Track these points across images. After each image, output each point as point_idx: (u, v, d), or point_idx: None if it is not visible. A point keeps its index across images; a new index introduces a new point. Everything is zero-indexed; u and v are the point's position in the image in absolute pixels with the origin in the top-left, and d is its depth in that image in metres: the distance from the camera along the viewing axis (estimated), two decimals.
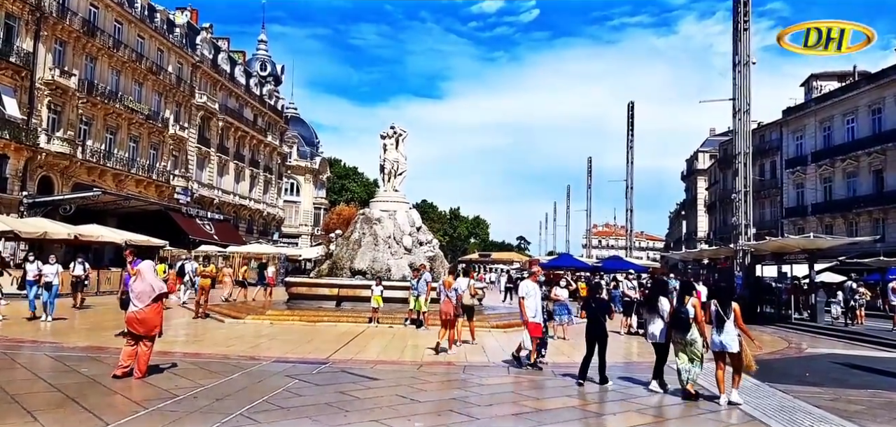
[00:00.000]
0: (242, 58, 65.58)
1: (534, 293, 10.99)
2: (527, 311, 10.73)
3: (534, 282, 11.31)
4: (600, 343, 9.59)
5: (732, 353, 8.52)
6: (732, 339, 8.49)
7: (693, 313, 8.78)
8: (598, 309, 9.99)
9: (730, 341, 8.48)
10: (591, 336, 9.72)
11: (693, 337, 8.80)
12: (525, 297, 10.86)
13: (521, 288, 11.29)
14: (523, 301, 10.84)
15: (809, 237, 27.98)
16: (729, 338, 8.48)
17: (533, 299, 10.89)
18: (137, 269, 9.17)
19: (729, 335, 8.49)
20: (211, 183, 53.31)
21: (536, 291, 11.14)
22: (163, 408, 7.31)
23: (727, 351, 8.52)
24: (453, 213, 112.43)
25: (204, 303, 18.19)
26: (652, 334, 9.44)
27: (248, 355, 11.47)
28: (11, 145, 32.67)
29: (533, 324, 10.73)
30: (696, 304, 8.85)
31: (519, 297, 11.18)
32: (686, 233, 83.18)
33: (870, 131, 43.38)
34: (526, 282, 11.48)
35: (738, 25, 27.09)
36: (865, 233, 39.07)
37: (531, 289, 11.02)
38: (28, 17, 34.00)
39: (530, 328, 10.72)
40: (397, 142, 24.55)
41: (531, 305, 10.79)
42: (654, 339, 9.38)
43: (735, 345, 8.49)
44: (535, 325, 10.76)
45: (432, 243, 24.25)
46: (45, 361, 10.18)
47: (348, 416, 7.31)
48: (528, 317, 10.73)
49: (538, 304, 11.03)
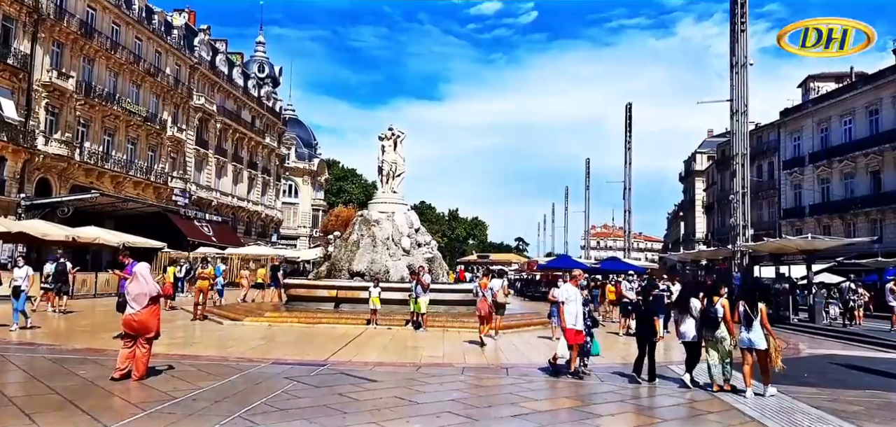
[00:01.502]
0: (240, 59, 65.56)
1: (575, 298, 10.30)
2: (566, 318, 10.15)
3: (574, 286, 10.53)
4: (650, 342, 10.20)
5: (759, 350, 9.09)
6: (759, 337, 9.10)
7: (722, 313, 9.41)
8: (650, 310, 10.67)
9: (757, 339, 9.10)
10: (641, 336, 10.43)
11: (722, 335, 9.42)
12: (565, 302, 10.25)
13: (560, 292, 10.61)
14: (563, 307, 10.24)
15: (807, 238, 27.99)
16: (756, 336, 9.11)
17: (574, 304, 10.23)
18: (133, 272, 9.13)
19: (756, 333, 9.12)
20: (209, 185, 53.26)
21: (577, 296, 10.39)
22: (161, 410, 7.30)
23: (755, 348, 9.13)
24: (452, 214, 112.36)
25: (202, 305, 18.18)
26: (683, 333, 9.98)
27: (247, 357, 11.45)
28: (9, 147, 32.61)
29: (572, 331, 10.10)
30: (725, 304, 9.48)
31: (558, 301, 10.48)
32: (684, 234, 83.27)
33: (867, 132, 43.47)
34: (566, 286, 10.69)
35: (735, 27, 27.15)
36: (863, 233, 39.16)
37: (572, 293, 10.33)
38: (25, 19, 33.95)
39: (568, 335, 10.10)
40: (395, 143, 24.56)
41: (571, 311, 10.16)
42: (685, 337, 9.94)
43: (762, 342, 9.09)
44: (575, 333, 10.12)
45: (431, 245, 24.25)
46: (43, 364, 10.15)
47: (347, 418, 7.30)
48: (567, 323, 10.12)
49: (579, 310, 10.31)
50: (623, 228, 56.80)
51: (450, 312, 19.07)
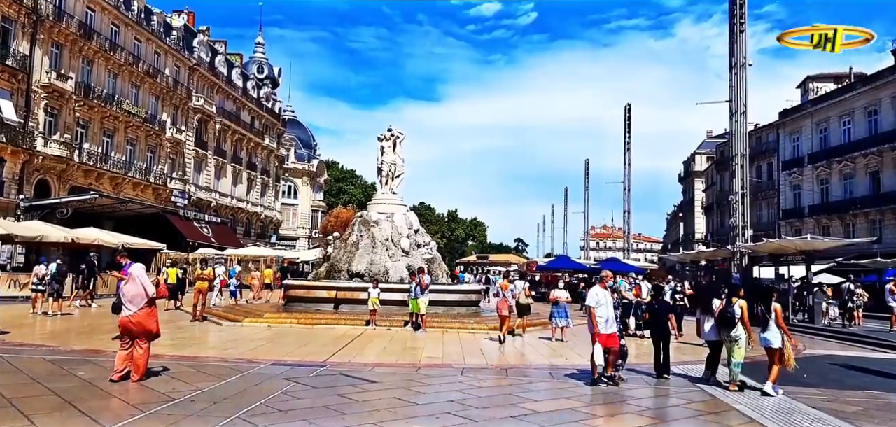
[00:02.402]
0: (239, 60, 65.54)
1: (606, 301, 9.93)
2: (599, 322, 9.70)
3: (604, 288, 10.16)
4: (664, 340, 10.72)
5: (773, 348, 9.46)
6: (775, 336, 9.48)
7: (740, 313, 9.69)
8: (661, 310, 11.31)
9: (773, 338, 9.48)
10: (655, 335, 10.98)
11: (738, 334, 9.69)
12: (596, 306, 9.75)
13: (590, 296, 10.06)
14: (594, 310, 9.73)
15: (806, 238, 28.02)
16: (772, 335, 9.50)
17: (605, 308, 9.85)
18: (129, 273, 9.11)
19: (772, 332, 9.50)
20: (208, 185, 53.23)
21: (608, 299, 10.04)
22: (160, 411, 7.29)
23: (770, 347, 9.50)
24: (451, 215, 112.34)
25: (201, 306, 18.17)
26: (705, 332, 10.37)
27: (246, 358, 11.44)
28: (8, 148, 32.59)
29: (604, 335, 9.69)
30: (742, 305, 9.76)
31: (587, 306, 10.01)
32: (683, 234, 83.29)
33: (866, 133, 43.50)
34: (595, 288, 10.19)
35: (734, 28, 27.18)
36: (862, 234, 39.17)
37: (603, 296, 9.92)
38: (24, 20, 33.94)
39: (602, 340, 9.66)
40: (395, 144, 24.56)
41: (603, 315, 9.77)
42: (707, 336, 10.36)
43: (777, 341, 9.45)
44: (609, 336, 9.74)
45: (430, 245, 24.26)
46: (42, 365, 10.14)
47: (346, 419, 7.30)
48: (600, 328, 9.69)
49: (611, 313, 10.02)
50: (622, 229, 56.84)
51: (449, 313, 19.08)
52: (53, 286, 18.17)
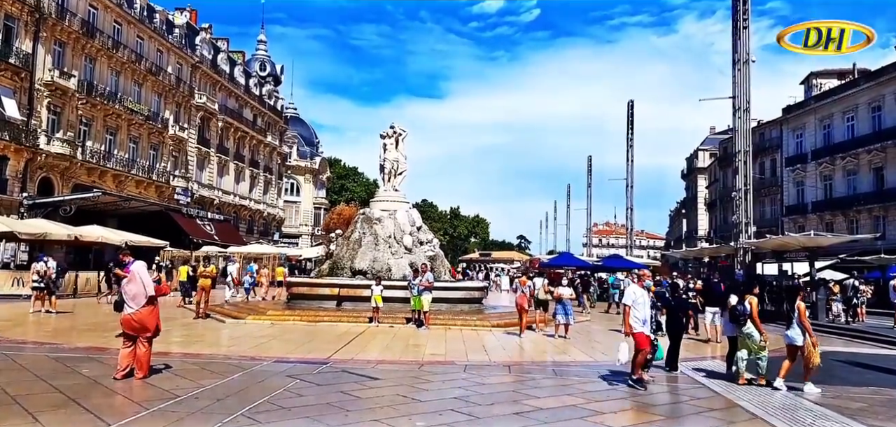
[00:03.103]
0: (242, 58, 65.56)
1: (643, 301, 9.60)
2: (633, 323, 9.39)
3: (641, 287, 9.81)
4: (678, 335, 11.17)
5: (796, 346, 9.59)
6: (797, 334, 9.58)
7: (750, 310, 9.80)
8: (678, 306, 11.85)
9: (795, 336, 9.59)
10: (671, 329, 11.39)
11: (749, 331, 9.81)
12: (632, 305, 9.47)
13: (626, 294, 9.77)
14: (629, 309, 9.47)
15: (810, 235, 27.90)
16: (795, 333, 9.61)
17: (642, 308, 9.53)
18: (131, 272, 9.12)
19: (795, 330, 9.62)
20: (211, 183, 53.30)
21: (645, 299, 9.71)
22: (164, 408, 7.30)
23: (793, 344, 9.62)
24: (453, 212, 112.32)
25: (204, 303, 18.20)
26: (724, 329, 10.79)
27: (249, 355, 11.46)
28: (11, 146, 32.66)
29: (640, 335, 9.38)
30: (752, 301, 9.86)
31: (624, 304, 9.75)
32: (686, 231, 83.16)
33: (870, 129, 43.38)
34: (632, 287, 9.83)
35: (737, 24, 27.07)
36: (866, 230, 39.06)
37: (639, 296, 9.60)
38: (27, 18, 33.99)
39: (637, 340, 9.37)
40: (397, 141, 24.56)
41: (640, 315, 9.46)
42: (726, 332, 10.83)
43: (800, 339, 9.53)
44: (643, 337, 9.41)
45: (433, 243, 24.25)
46: (46, 362, 10.17)
47: (349, 416, 7.30)
48: (635, 328, 9.39)
49: (648, 314, 9.67)
50: (625, 226, 56.73)
51: (452, 310, 19.09)
52: (50, 283, 18.24)
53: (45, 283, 18.24)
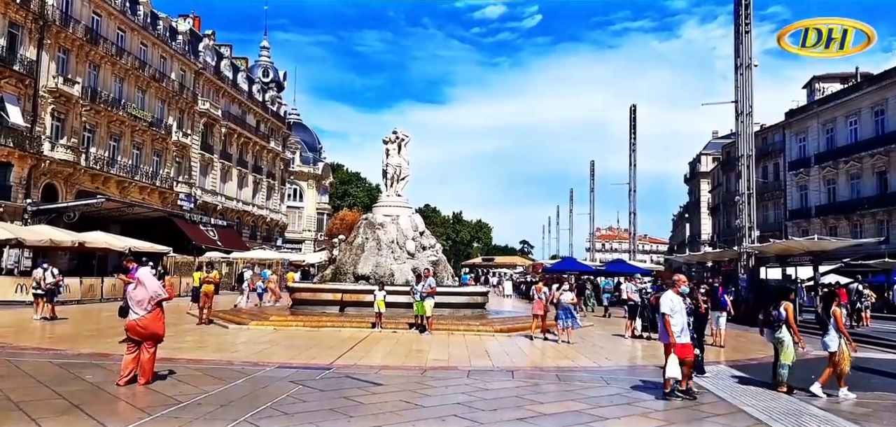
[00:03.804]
0: (245, 64, 65.74)
1: (680, 308, 9.22)
2: (673, 330, 9.00)
3: (677, 294, 9.37)
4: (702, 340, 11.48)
5: (831, 352, 9.56)
6: (833, 340, 9.58)
7: (784, 316, 9.82)
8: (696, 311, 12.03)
9: (830, 342, 9.59)
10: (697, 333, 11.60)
11: (781, 336, 9.84)
12: (670, 313, 9.04)
13: (663, 302, 9.25)
14: (668, 318, 9.01)
15: (813, 239, 27.83)
16: (830, 339, 9.62)
17: (680, 316, 9.13)
18: (136, 277, 9.14)
19: (830, 336, 9.62)
20: (214, 189, 53.38)
21: (682, 306, 9.33)
22: (167, 414, 7.31)
23: (829, 350, 9.60)
24: (456, 217, 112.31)
25: (207, 309, 18.22)
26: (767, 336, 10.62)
27: (252, 361, 11.46)
28: (15, 153, 32.76)
29: (681, 345, 8.98)
30: (787, 307, 9.87)
31: (661, 313, 9.25)
32: (689, 235, 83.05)
33: (873, 133, 43.29)
34: (668, 294, 9.34)
35: (739, 28, 27.08)
36: (869, 234, 38.95)
37: (677, 303, 9.21)
38: (31, 26, 34.13)
39: (678, 350, 8.94)
40: (400, 147, 24.57)
41: (678, 323, 9.05)
42: (766, 339, 10.72)
43: (834, 345, 9.54)
44: (684, 346, 9.02)
45: (435, 248, 24.25)
46: (49, 368, 10.18)
47: (352, 422, 7.30)
48: (674, 337, 8.98)
49: (685, 321, 9.28)
50: (628, 230, 56.68)
51: (454, 316, 19.07)
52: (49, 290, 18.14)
53: (44, 290, 18.16)
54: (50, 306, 18.12)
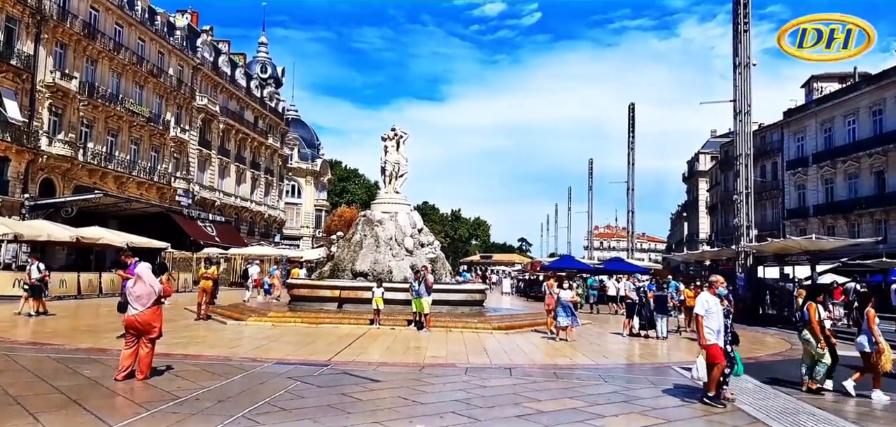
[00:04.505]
0: (243, 60, 65.59)
1: (716, 310, 8.86)
2: (706, 333, 8.69)
3: (713, 294, 9.05)
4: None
5: (865, 352, 9.61)
6: (867, 341, 9.65)
7: (808, 316, 9.85)
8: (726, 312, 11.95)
9: (863, 342, 9.69)
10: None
11: (806, 337, 9.87)
12: (705, 314, 8.76)
13: (698, 303, 8.99)
14: (701, 320, 8.75)
15: (811, 238, 27.86)
16: (863, 339, 9.71)
17: (715, 318, 8.78)
18: (136, 273, 9.13)
19: (864, 336, 9.69)
20: (212, 185, 53.32)
21: (718, 308, 8.92)
22: (165, 409, 7.30)
23: (863, 350, 9.67)
24: (454, 214, 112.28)
25: (205, 305, 18.19)
26: None
27: (250, 357, 11.46)
28: (13, 148, 32.68)
29: (713, 347, 8.66)
30: (812, 308, 9.85)
31: (695, 314, 9.05)
32: (687, 234, 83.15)
33: (871, 132, 43.33)
34: (704, 295, 9.03)
35: (738, 27, 27.07)
36: (867, 234, 39.01)
37: (713, 304, 8.88)
38: (28, 20, 34.03)
39: (711, 353, 8.63)
40: (398, 144, 24.54)
41: (713, 325, 8.73)
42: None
43: (866, 345, 9.61)
44: (714, 349, 8.66)
45: (434, 245, 24.23)
46: (47, 363, 10.17)
47: (350, 418, 7.30)
48: (708, 340, 8.65)
49: (722, 324, 8.88)
50: (626, 229, 56.76)
51: (452, 313, 19.08)
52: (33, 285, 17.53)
53: (29, 286, 17.53)
54: (36, 302, 17.42)
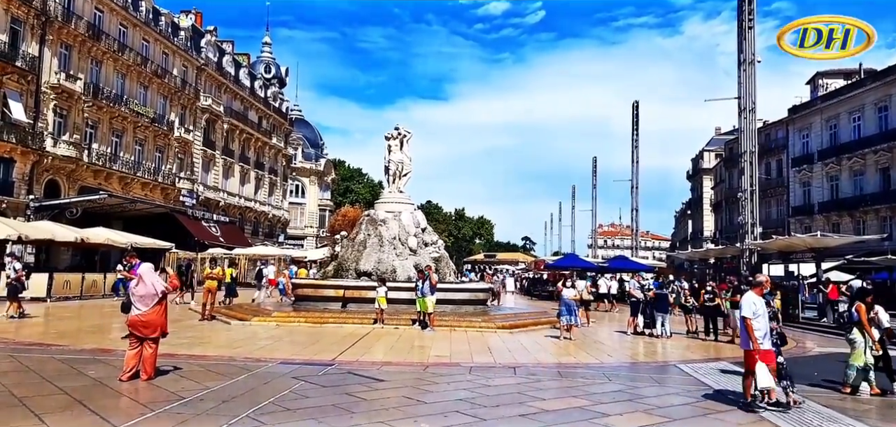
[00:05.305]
0: (247, 60, 65.67)
1: (763, 311, 8.45)
2: (757, 336, 8.24)
3: (760, 295, 8.62)
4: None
5: None
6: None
7: (857, 316, 9.77)
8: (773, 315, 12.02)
9: None
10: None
11: (852, 337, 9.75)
12: (752, 316, 8.31)
13: (744, 304, 8.49)
14: (750, 321, 8.27)
15: (816, 236, 27.78)
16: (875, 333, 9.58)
17: (763, 319, 8.39)
18: (138, 273, 9.16)
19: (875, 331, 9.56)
20: (216, 185, 53.42)
21: (765, 310, 8.56)
22: (170, 410, 7.32)
23: None
24: (458, 213, 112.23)
25: (210, 305, 18.23)
26: None
27: (255, 357, 11.47)
28: (18, 149, 32.79)
29: (766, 351, 8.28)
30: (860, 307, 9.74)
31: (741, 315, 8.61)
32: (692, 232, 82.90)
33: (876, 129, 43.15)
34: (751, 296, 8.57)
35: (743, 24, 27.00)
36: (872, 231, 38.83)
37: (760, 306, 8.46)
38: (33, 22, 34.13)
39: (762, 357, 8.17)
40: (402, 143, 24.54)
41: (761, 328, 8.31)
42: None
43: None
44: (768, 353, 8.30)
45: (437, 244, 24.22)
46: (52, 364, 10.20)
47: (354, 418, 7.30)
48: (758, 343, 8.22)
49: (768, 326, 8.54)
50: (630, 227, 56.61)
51: (456, 312, 19.07)
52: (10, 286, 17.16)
53: (8, 287, 17.19)
54: (12, 303, 16.82)
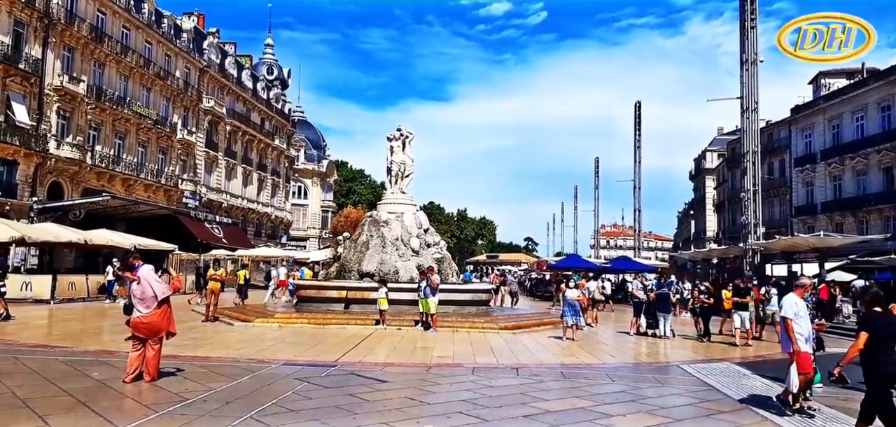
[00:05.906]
0: (249, 62, 65.77)
1: (804, 314, 8.18)
2: (797, 338, 7.97)
3: (801, 297, 8.34)
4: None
5: None
6: None
7: None
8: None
9: None
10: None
11: None
12: (794, 318, 8.02)
13: (786, 306, 8.17)
14: (791, 323, 8.00)
15: (819, 236, 27.77)
16: None
17: (805, 322, 8.12)
18: (138, 275, 9.17)
19: None
20: (219, 187, 53.49)
21: (806, 312, 8.30)
22: (173, 411, 7.33)
23: None
24: (460, 214, 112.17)
25: (213, 306, 18.25)
26: None
27: (258, 358, 11.48)
28: (21, 151, 32.88)
29: (805, 354, 7.99)
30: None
31: (781, 316, 8.31)
32: (695, 232, 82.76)
33: (879, 128, 43.02)
34: (793, 297, 8.25)
35: (745, 24, 26.99)
36: (876, 231, 38.74)
37: (801, 308, 8.16)
38: (36, 24, 34.21)
39: (802, 361, 7.92)
40: (404, 144, 24.53)
41: (803, 330, 8.05)
42: None
43: None
44: (806, 357, 7.99)
45: (440, 245, 24.21)
46: (55, 365, 10.22)
47: (357, 419, 7.31)
48: (800, 347, 7.95)
49: (810, 329, 8.28)
50: (633, 227, 56.60)
51: (459, 313, 19.05)
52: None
53: None
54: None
